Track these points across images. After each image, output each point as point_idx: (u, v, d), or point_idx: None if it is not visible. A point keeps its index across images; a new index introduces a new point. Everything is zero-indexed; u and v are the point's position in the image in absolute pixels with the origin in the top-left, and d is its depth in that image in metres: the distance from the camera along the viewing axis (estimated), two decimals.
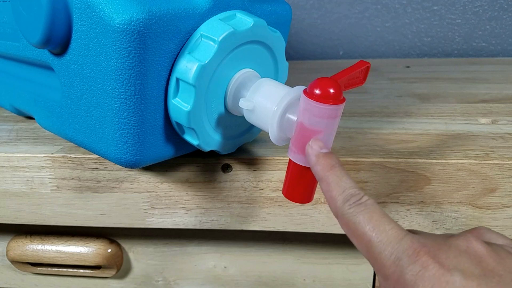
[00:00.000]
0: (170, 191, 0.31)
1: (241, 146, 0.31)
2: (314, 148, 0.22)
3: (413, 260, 0.19)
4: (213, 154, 0.30)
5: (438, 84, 0.49)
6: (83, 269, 0.38)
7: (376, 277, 0.38)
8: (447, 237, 0.21)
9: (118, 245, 0.38)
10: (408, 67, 0.59)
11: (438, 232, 0.31)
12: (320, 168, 0.22)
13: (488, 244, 0.20)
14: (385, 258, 0.19)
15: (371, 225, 0.20)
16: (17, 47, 0.30)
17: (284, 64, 0.29)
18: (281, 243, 0.37)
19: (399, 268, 0.19)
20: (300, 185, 0.24)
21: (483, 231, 0.22)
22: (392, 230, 0.20)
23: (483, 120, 0.37)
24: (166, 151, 0.27)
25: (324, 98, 0.21)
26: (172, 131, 0.26)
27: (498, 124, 0.36)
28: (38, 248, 0.37)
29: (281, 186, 0.31)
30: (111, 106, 0.24)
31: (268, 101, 0.24)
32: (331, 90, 0.21)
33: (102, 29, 0.22)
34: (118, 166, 0.30)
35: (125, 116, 0.24)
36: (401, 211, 0.31)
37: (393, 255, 0.19)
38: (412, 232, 0.21)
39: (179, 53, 0.24)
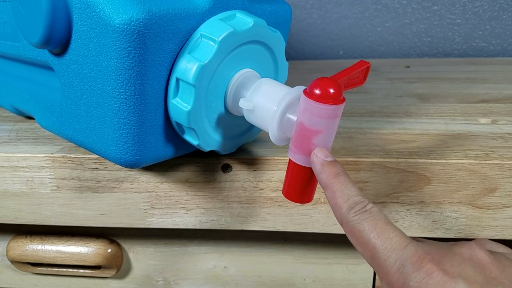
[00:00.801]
0: (170, 191, 0.31)
1: (241, 146, 0.31)
2: (319, 156, 0.22)
3: (417, 268, 0.19)
4: (213, 154, 0.30)
5: (438, 84, 0.49)
6: (83, 269, 0.38)
7: (376, 278, 0.38)
8: (451, 245, 0.21)
9: (118, 245, 0.38)
10: (408, 67, 0.59)
11: (438, 232, 0.31)
12: (325, 176, 0.22)
13: (491, 252, 0.20)
14: (389, 265, 0.19)
15: (375, 232, 0.20)
16: (17, 47, 0.30)
17: (284, 64, 0.29)
18: (281, 243, 0.37)
19: (403, 275, 0.19)
20: (300, 185, 0.24)
21: (484, 241, 0.23)
22: (396, 238, 0.20)
23: (483, 120, 0.37)
24: (166, 151, 0.27)
25: (324, 98, 0.21)
26: (172, 131, 0.26)
27: (498, 124, 0.36)
28: (38, 248, 0.37)
29: (281, 186, 0.31)
30: (111, 106, 0.24)
31: (268, 101, 0.24)
32: (331, 90, 0.21)
33: (102, 29, 0.22)
34: (118, 166, 0.30)
35: (125, 116, 0.24)
36: (401, 211, 0.31)
37: (398, 262, 0.19)
38: (416, 240, 0.21)
39: (179, 53, 0.24)
